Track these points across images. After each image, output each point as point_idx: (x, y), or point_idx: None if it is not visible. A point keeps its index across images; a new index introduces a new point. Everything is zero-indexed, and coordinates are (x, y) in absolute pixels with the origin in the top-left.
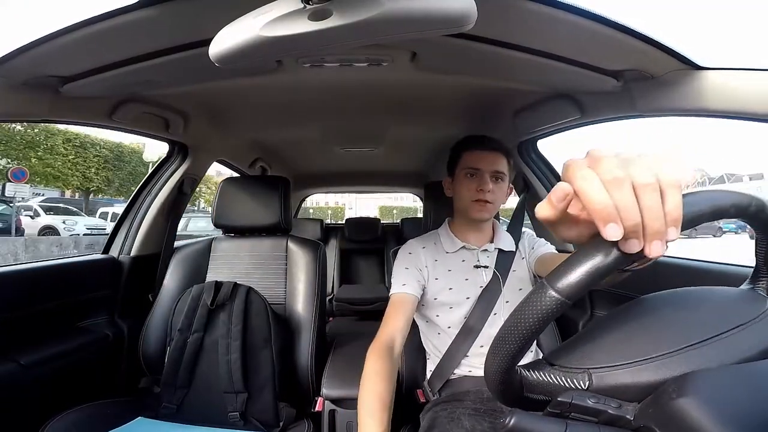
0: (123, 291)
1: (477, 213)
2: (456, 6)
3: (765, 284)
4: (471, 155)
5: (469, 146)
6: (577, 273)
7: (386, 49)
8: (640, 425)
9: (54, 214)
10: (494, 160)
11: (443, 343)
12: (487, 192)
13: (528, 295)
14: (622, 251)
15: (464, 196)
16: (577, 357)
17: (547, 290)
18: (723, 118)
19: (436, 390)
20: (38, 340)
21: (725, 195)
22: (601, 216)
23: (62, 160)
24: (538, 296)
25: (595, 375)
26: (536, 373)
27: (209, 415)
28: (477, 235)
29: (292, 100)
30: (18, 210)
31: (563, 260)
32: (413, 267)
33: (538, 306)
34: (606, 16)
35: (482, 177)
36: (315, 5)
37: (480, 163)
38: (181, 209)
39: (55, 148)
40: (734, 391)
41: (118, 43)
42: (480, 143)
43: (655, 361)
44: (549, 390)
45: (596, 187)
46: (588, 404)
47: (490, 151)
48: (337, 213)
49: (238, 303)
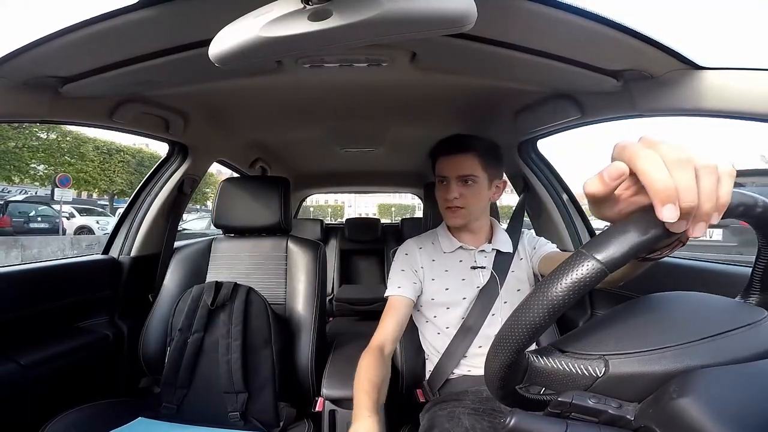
0: (123, 291)
1: (450, 220)
2: (456, 6)
3: (756, 299)
4: (440, 162)
5: (439, 152)
6: (620, 244)
7: (386, 50)
8: (641, 425)
9: (88, 216)
10: (460, 164)
11: (442, 343)
12: (453, 199)
13: (564, 263)
14: (666, 228)
15: (440, 203)
16: (590, 344)
17: (588, 258)
18: (723, 117)
19: (435, 390)
20: (38, 340)
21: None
22: (661, 197)
23: (92, 166)
24: (576, 263)
25: (612, 361)
26: (545, 360)
27: (209, 415)
28: (473, 236)
29: (292, 100)
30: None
31: (602, 233)
32: (409, 269)
33: (577, 274)
34: (606, 16)
35: (449, 184)
36: (315, 5)
37: (445, 169)
38: (181, 209)
39: (86, 155)
40: (734, 391)
41: (118, 44)
42: (446, 148)
43: (673, 350)
44: (557, 378)
45: (659, 168)
46: (588, 404)
47: (456, 154)
48: (337, 211)
49: (239, 303)
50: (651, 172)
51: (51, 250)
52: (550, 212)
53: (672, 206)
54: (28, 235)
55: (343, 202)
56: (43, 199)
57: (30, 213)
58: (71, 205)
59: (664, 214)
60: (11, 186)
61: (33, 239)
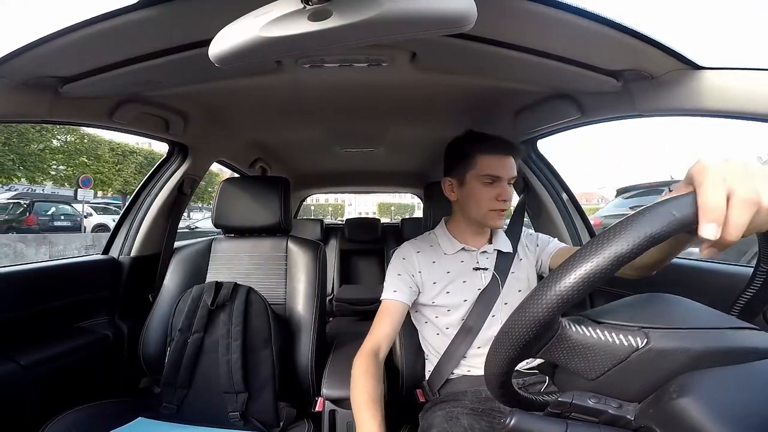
0: (123, 291)
1: (497, 221)
2: (456, 6)
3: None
4: (489, 160)
5: (486, 150)
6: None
7: (386, 50)
8: (641, 425)
9: (104, 214)
10: (513, 166)
11: (442, 343)
12: (504, 201)
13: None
14: (697, 234)
15: (482, 204)
16: (626, 316)
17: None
18: (723, 117)
19: (435, 390)
20: (38, 340)
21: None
22: (708, 216)
23: (108, 166)
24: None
25: (652, 334)
26: (580, 328)
27: (209, 415)
28: (476, 237)
29: (292, 100)
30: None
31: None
32: (406, 273)
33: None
34: (606, 16)
35: (502, 185)
36: (315, 5)
37: (501, 170)
38: (181, 209)
39: (102, 156)
40: (734, 391)
41: (118, 44)
42: (499, 147)
43: (713, 331)
44: (590, 349)
45: (717, 190)
46: (588, 404)
47: (508, 155)
48: (338, 210)
49: (239, 303)
50: (707, 193)
51: (75, 246)
52: (550, 212)
53: (715, 227)
54: (53, 232)
55: (343, 201)
56: (64, 198)
57: (48, 211)
58: (89, 204)
59: (704, 230)
60: (33, 186)
61: (59, 236)
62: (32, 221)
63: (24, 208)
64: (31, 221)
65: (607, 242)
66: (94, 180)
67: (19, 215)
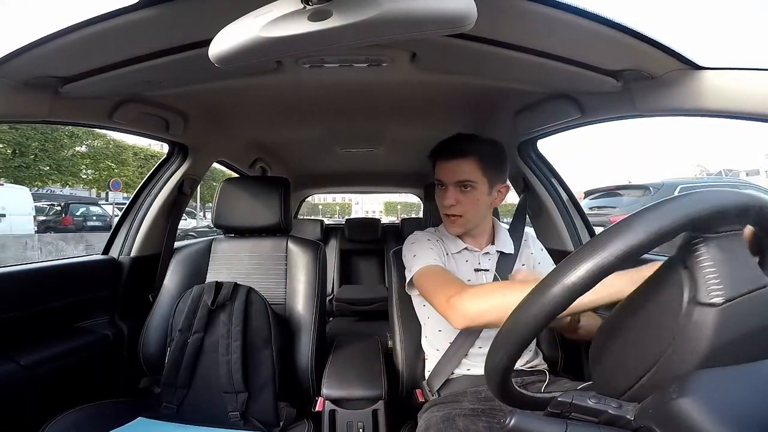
0: (123, 291)
1: (449, 227)
2: (456, 6)
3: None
4: (438, 166)
5: (437, 156)
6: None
7: (386, 50)
8: (641, 425)
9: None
10: (457, 169)
11: (442, 342)
12: (449, 206)
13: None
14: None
15: (439, 208)
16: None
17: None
18: (723, 117)
19: (434, 390)
20: (38, 340)
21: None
22: None
23: (131, 170)
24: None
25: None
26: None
27: (209, 415)
28: (476, 239)
29: (292, 100)
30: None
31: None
32: (436, 248)
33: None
34: (606, 16)
35: (446, 190)
36: (315, 6)
37: (443, 174)
38: (181, 210)
39: (126, 160)
40: (734, 391)
41: (118, 44)
42: (444, 151)
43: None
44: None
45: None
46: (588, 404)
47: (454, 159)
48: (345, 209)
49: (239, 303)
50: None
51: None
52: (550, 212)
53: None
54: (87, 232)
55: (350, 200)
56: (92, 200)
57: (79, 212)
58: (114, 205)
59: None
60: (63, 188)
61: (93, 235)
62: (68, 221)
63: (60, 210)
64: (68, 221)
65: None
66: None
67: (56, 216)
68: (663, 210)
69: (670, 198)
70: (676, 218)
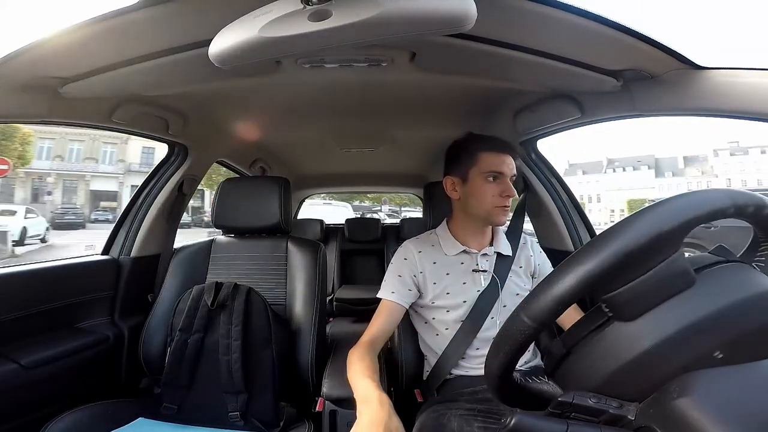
0: (123, 292)
1: (501, 218)
2: (455, 6)
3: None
4: (492, 158)
5: (489, 147)
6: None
7: (386, 50)
8: (641, 425)
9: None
10: (512, 164)
11: (440, 344)
12: (507, 198)
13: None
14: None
15: (486, 200)
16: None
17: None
18: (723, 117)
19: (433, 390)
20: (39, 341)
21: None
22: None
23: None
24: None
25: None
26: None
27: (210, 416)
28: (478, 239)
29: (292, 100)
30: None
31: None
32: (407, 274)
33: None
34: (606, 16)
35: (505, 182)
36: (315, 6)
37: (503, 166)
38: (181, 210)
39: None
40: (735, 391)
41: (118, 44)
42: (500, 145)
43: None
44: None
45: None
46: (589, 404)
47: (509, 153)
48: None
49: (239, 303)
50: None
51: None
52: (550, 212)
53: None
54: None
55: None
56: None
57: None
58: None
59: None
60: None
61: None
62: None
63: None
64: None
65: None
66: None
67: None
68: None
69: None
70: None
